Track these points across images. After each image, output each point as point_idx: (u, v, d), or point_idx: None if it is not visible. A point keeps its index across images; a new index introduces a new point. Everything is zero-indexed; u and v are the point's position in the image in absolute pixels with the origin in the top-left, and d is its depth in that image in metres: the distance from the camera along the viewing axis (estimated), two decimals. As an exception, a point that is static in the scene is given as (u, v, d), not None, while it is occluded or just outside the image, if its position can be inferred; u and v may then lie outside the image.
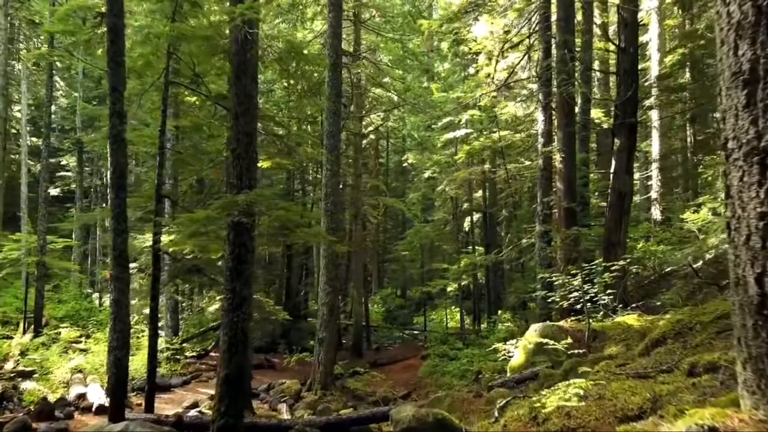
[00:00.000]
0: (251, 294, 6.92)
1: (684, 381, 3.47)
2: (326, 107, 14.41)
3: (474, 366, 15.99)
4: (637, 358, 5.50)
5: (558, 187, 12.68)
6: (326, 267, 14.00)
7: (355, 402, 13.97)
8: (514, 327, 18.85)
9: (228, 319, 6.71)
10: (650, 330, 7.58)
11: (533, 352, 8.40)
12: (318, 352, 14.04)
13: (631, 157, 12.23)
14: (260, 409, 12.58)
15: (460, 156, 20.78)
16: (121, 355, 8.03)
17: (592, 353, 7.55)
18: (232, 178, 6.85)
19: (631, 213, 13.48)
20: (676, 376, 3.67)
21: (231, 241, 6.79)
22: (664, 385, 3.42)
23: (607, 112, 19.72)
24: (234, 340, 6.67)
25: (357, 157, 21.38)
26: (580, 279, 8.14)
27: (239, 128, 6.93)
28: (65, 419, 10.59)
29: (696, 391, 3.17)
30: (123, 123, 8.21)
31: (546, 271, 10.60)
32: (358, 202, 21.24)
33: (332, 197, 14.07)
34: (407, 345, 23.90)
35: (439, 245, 30.41)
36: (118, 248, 8.03)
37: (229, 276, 6.78)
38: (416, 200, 32.87)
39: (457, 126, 22.90)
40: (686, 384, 3.36)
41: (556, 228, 12.46)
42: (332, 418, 8.07)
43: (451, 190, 24.71)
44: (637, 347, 6.56)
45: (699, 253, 8.68)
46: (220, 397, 6.57)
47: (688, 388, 3.25)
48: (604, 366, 5.09)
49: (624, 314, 9.09)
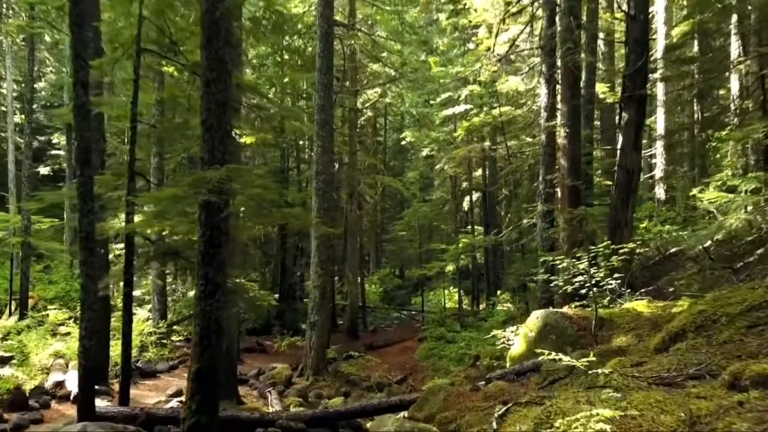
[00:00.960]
0: (225, 280, 6.30)
1: (726, 396, 2.85)
2: (317, 80, 13.64)
3: (472, 350, 15.46)
4: (653, 355, 4.88)
5: (561, 164, 11.99)
6: (318, 249, 13.38)
7: (348, 387, 13.47)
8: (514, 309, 18.32)
9: (200, 308, 6.09)
10: (662, 318, 6.97)
11: (535, 341, 7.81)
12: (310, 336, 13.49)
13: (639, 131, 11.52)
14: (249, 396, 12.06)
15: (460, 133, 20.04)
16: (90, 344, 7.43)
17: (599, 343, 6.95)
18: (203, 153, 6.18)
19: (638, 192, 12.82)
20: (714, 387, 3.04)
21: (202, 223, 6.14)
22: (702, 402, 2.80)
23: (612, 86, 18.96)
24: (206, 331, 6.06)
25: (352, 134, 20.62)
26: (586, 262, 7.50)
27: (210, 97, 6.23)
28: (40, 409, 10.04)
29: (747, 413, 2.54)
30: (87, 93, 7.50)
31: (549, 254, 9.97)
32: (353, 181, 20.56)
33: (324, 175, 13.38)
34: (404, 326, 23.42)
35: (437, 225, 29.82)
36: (84, 229, 7.38)
37: (201, 260, 6.14)
38: (414, 179, 32.17)
39: (456, 102, 22.12)
40: (730, 401, 2.73)
41: (559, 208, 11.80)
42: (318, 412, 7.52)
43: (450, 168, 24.01)
44: (651, 339, 5.95)
45: (717, 233, 8.05)
46: (191, 394, 5.98)
47: (734, 408, 2.63)
48: (617, 364, 4.47)
49: (632, 300, 8.49)
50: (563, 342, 7.49)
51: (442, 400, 6.62)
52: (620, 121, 11.73)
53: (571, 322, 7.69)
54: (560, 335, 7.58)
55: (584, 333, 7.52)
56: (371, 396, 12.84)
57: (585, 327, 7.61)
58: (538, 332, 7.82)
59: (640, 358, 4.59)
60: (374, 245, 35.54)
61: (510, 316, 17.46)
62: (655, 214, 20.05)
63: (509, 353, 8.49)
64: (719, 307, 4.87)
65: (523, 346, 8.01)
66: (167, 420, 7.36)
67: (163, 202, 6.34)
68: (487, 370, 12.80)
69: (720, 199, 7.17)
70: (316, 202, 13.46)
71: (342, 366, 14.54)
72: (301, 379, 13.26)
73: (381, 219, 35.23)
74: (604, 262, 7.72)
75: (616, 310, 7.88)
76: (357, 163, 20.89)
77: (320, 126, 13.45)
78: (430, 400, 6.82)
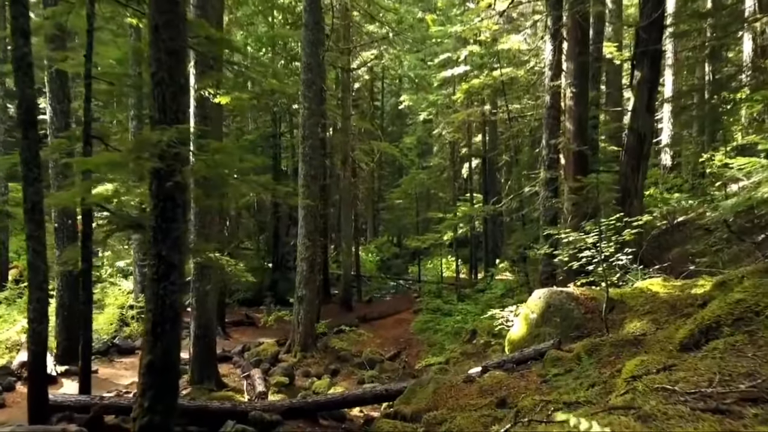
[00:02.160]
0: (182, 259, 5.46)
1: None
2: (303, 37, 12.58)
3: (468, 324, 14.80)
4: (681, 354, 4.07)
5: (567, 127, 11.04)
6: (305, 219, 12.53)
7: (338, 364, 12.81)
8: (513, 280, 17.60)
9: (152, 291, 5.27)
10: (682, 301, 6.17)
11: (537, 324, 7.03)
12: (298, 311, 12.75)
13: (653, 91, 10.58)
14: (231, 374, 11.38)
15: (459, 96, 18.96)
16: (40, 328, 6.65)
17: (610, 329, 6.17)
18: (153, 111, 5.28)
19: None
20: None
21: (154, 193, 5.27)
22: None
23: (619, 46, 17.81)
24: (160, 318, 5.25)
25: (345, 97, 19.53)
26: (595, 236, 6.65)
27: (160, 45, 5.29)
28: (4, 391, 9.39)
29: None
30: (29, 44, 6.55)
31: (553, 228, 9.13)
32: (346, 147, 19.57)
33: (311, 140, 12.44)
34: (400, 297, 22.75)
35: (435, 193, 28.92)
36: (30, 200, 6.52)
37: (153, 237, 5.29)
38: (412, 145, 31.11)
39: (456, 63, 20.97)
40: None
41: (564, 175, 10.90)
42: (296, 402, 6.79)
43: (449, 133, 23.01)
44: (673, 329, 5.15)
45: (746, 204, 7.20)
46: (142, 390, 5.21)
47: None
48: (639, 368, 3.66)
49: (644, 277, 7.68)
50: (568, 326, 6.71)
51: (432, 393, 5.87)
52: (632, 80, 10.76)
53: (578, 303, 6.89)
54: (565, 318, 6.79)
55: (592, 316, 6.73)
56: (361, 374, 12.19)
57: (593, 309, 6.82)
58: (541, 314, 7.03)
59: (666, 359, 3.78)
60: (371, 213, 34.73)
61: (509, 288, 16.75)
62: (660, 181, 19.16)
63: (508, 336, 7.72)
64: (762, 296, 4.05)
65: (523, 328, 7.23)
66: (126, 410, 6.62)
67: (101, 169, 5.46)
68: (485, 347, 12.13)
69: (750, 165, 6.29)
70: (303, 169, 12.55)
71: (332, 341, 13.86)
72: (288, 356, 12.58)
73: (378, 186, 34.33)
74: (615, 235, 6.87)
75: (628, 289, 7.07)
76: (351, 128, 19.86)
77: (307, 86, 12.45)
78: (418, 392, 6.07)
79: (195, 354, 9.77)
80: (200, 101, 9.43)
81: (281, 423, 6.59)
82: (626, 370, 3.87)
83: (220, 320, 15.19)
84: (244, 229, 29.48)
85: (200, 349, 9.74)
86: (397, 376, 12.75)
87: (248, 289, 23.33)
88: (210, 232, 9.74)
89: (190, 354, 9.88)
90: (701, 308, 5.58)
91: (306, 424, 6.71)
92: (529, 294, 15.31)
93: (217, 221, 12.16)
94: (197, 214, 9.63)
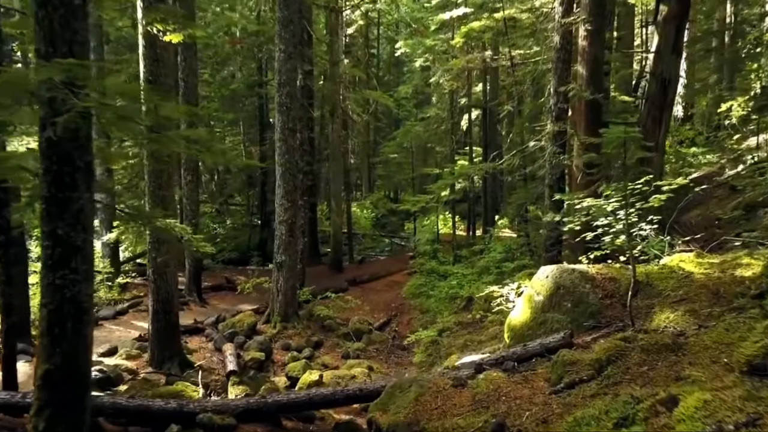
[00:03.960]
0: (89, 240, 4.22)
1: None
2: (278, -34, 10.98)
3: (464, 289, 13.72)
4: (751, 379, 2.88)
5: (579, 72, 9.58)
6: (282, 177, 11.22)
7: (322, 335, 11.77)
8: (514, 241, 16.44)
9: (47, 281, 4.05)
10: (726, 285, 4.95)
11: (543, 308, 5.84)
12: (277, 279, 11.61)
13: (681, 30, 9.10)
14: (202, 350, 10.33)
15: (458, 40, 17.29)
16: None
17: (635, 320, 4.96)
18: (38, 42, 3.96)
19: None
20: None
21: (45, 154, 4.00)
22: None
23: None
24: (58, 315, 4.05)
25: (334, 40, 17.86)
26: (617, 202, 5.36)
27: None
28: None
29: None
30: None
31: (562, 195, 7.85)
32: (335, 96, 18.04)
33: (288, 87, 10.99)
34: (395, 257, 21.67)
35: (432, 147, 27.45)
36: None
37: (45, 211, 4.05)
38: (408, 94, 29.43)
39: (455, 5, 19.22)
40: None
41: (575, 127, 9.52)
42: (253, 402, 5.69)
43: (447, 82, 21.34)
44: (728, 334, 3.94)
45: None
46: (38, 406, 4.05)
47: None
48: (705, 415, 2.47)
49: (672, 251, 6.45)
50: (582, 313, 5.52)
51: (414, 399, 4.73)
52: (656, 16, 9.25)
53: (594, 285, 5.68)
54: (578, 303, 5.60)
55: (611, 302, 5.53)
56: (347, 347, 11.16)
57: (612, 293, 5.61)
58: (548, 296, 5.83)
59: (737, 400, 2.58)
60: (367, 167, 33.30)
61: (508, 250, 15.61)
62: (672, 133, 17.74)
63: (508, 320, 6.54)
64: None
65: (527, 312, 6.04)
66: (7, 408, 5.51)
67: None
68: (481, 317, 11.05)
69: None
70: (280, 121, 11.15)
71: (317, 308, 12.78)
72: (267, 327, 11.51)
73: (374, 139, 32.78)
74: (641, 201, 5.58)
75: (655, 268, 5.84)
76: (340, 76, 18.26)
77: (283, 25, 10.91)
78: (398, 397, 4.93)
79: (154, 332, 8.65)
80: (150, 40, 8.00)
81: (235, 428, 5.49)
82: (680, 412, 2.67)
83: (197, 286, 14.10)
84: (233, 183, 28.20)
85: (160, 327, 8.61)
86: (385, 348, 11.77)
87: (235, 249, 22.27)
88: (167, 194, 8.46)
89: (149, 332, 8.78)
90: (758, 299, 4.37)
91: (265, 429, 5.62)
92: (531, 258, 14.25)
93: (175, 180, 10.86)
94: (151, 173, 8.34)
